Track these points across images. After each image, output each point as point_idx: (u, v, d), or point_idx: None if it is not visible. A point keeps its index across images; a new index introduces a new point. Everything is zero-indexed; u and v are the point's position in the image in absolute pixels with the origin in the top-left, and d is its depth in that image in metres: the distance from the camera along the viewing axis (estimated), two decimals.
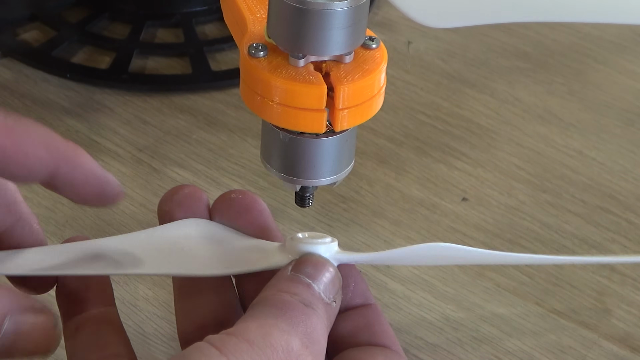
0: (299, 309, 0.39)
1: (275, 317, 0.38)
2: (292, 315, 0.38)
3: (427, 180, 0.58)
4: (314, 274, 0.40)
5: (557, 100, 0.65)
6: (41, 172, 0.40)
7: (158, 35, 0.69)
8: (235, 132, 0.61)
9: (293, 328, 0.38)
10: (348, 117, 0.39)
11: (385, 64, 0.40)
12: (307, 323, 0.39)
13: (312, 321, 0.39)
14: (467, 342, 0.49)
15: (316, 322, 0.39)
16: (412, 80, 0.66)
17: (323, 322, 0.40)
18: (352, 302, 0.44)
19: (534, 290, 0.52)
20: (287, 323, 0.38)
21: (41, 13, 0.70)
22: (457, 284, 0.52)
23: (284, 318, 0.38)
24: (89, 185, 0.41)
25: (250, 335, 0.37)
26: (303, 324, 0.38)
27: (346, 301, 0.44)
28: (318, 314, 0.39)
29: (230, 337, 0.37)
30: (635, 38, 0.71)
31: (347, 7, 0.37)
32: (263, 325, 0.37)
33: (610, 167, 0.60)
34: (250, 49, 0.39)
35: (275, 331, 0.37)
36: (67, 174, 0.41)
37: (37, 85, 0.64)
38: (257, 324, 0.37)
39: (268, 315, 0.38)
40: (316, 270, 0.41)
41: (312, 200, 0.43)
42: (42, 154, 0.40)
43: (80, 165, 0.41)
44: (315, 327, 0.39)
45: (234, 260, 0.43)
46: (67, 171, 0.41)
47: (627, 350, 0.49)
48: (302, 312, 0.39)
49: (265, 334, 0.37)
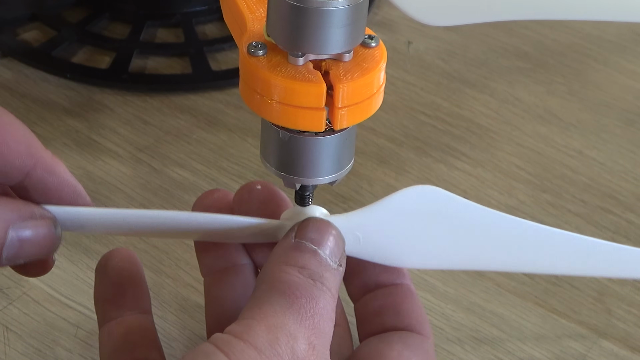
0: (307, 292, 0.39)
1: (283, 311, 0.38)
2: (300, 304, 0.38)
3: (427, 180, 0.58)
4: (318, 238, 0.40)
5: (557, 100, 0.65)
6: (18, 168, 0.40)
7: (158, 35, 0.69)
8: (235, 132, 0.61)
9: (300, 324, 0.38)
10: (347, 116, 0.39)
11: (384, 63, 0.39)
12: (315, 311, 0.39)
13: (320, 305, 0.39)
14: (467, 342, 0.49)
15: (324, 304, 0.39)
16: (412, 80, 0.66)
17: (330, 297, 0.40)
18: (380, 277, 0.44)
19: (534, 290, 0.52)
20: (294, 318, 0.38)
21: (41, 13, 0.70)
22: (457, 284, 0.52)
23: (291, 311, 0.38)
24: (62, 193, 0.42)
25: (258, 342, 0.37)
26: (310, 314, 0.38)
27: (375, 275, 0.44)
28: (325, 289, 0.39)
29: (237, 341, 0.37)
30: (635, 38, 0.71)
31: (346, 5, 0.37)
32: (270, 328, 0.37)
33: (610, 167, 0.60)
34: (250, 48, 0.39)
35: (283, 336, 0.37)
36: (42, 177, 0.41)
37: (37, 85, 0.64)
38: (264, 326, 0.37)
39: (276, 309, 0.38)
40: (320, 234, 0.41)
41: (311, 199, 0.43)
42: (22, 149, 0.40)
43: (57, 172, 0.41)
44: (322, 311, 0.39)
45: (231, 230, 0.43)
46: (43, 174, 0.41)
47: (627, 350, 0.49)
48: (310, 296, 0.39)
49: (272, 340, 0.37)
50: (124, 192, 0.57)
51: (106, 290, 0.44)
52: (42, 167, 0.41)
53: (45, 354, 0.48)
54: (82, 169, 0.58)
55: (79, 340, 0.48)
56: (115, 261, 0.44)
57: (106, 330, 0.43)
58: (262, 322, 0.38)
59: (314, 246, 0.40)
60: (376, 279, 0.44)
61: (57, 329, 0.49)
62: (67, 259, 0.52)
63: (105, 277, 0.44)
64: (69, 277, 0.51)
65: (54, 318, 0.49)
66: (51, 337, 0.48)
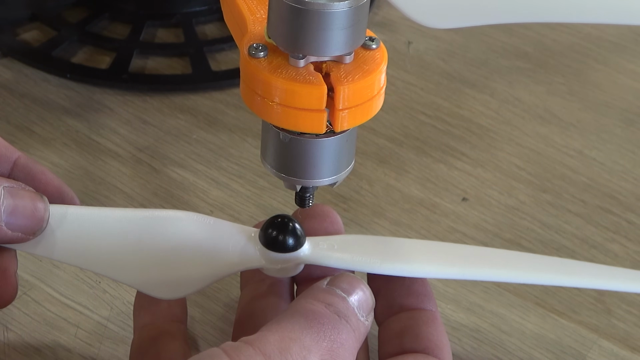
0: (330, 322, 0.39)
1: (301, 329, 0.38)
2: (320, 328, 0.38)
3: (427, 180, 0.58)
4: (348, 289, 0.41)
5: (557, 100, 0.65)
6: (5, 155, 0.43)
7: (158, 35, 0.69)
8: (235, 132, 0.61)
9: (316, 343, 0.38)
10: (348, 118, 0.39)
11: (385, 65, 0.40)
12: (334, 338, 0.38)
13: (342, 336, 0.39)
14: (467, 342, 0.49)
15: (346, 338, 0.39)
16: (412, 80, 0.66)
17: (354, 338, 0.40)
18: (405, 301, 0.44)
19: (534, 290, 0.52)
20: (312, 337, 0.38)
21: (41, 13, 0.70)
22: (457, 284, 0.52)
23: (310, 331, 0.38)
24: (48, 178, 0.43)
25: (267, 348, 0.37)
26: (329, 339, 0.38)
27: (400, 298, 0.44)
28: (350, 328, 0.39)
29: (247, 346, 0.37)
30: (635, 38, 0.71)
31: (347, 7, 0.37)
32: (283, 339, 0.37)
33: (610, 167, 0.60)
34: (251, 50, 0.39)
35: (295, 347, 0.37)
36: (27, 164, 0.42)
37: (37, 85, 0.64)
38: (278, 337, 0.37)
39: (294, 327, 0.38)
40: (351, 286, 0.41)
41: (312, 200, 0.43)
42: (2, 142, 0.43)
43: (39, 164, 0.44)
44: (343, 342, 0.39)
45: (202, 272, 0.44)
46: (27, 162, 0.43)
47: (627, 350, 0.49)
48: (332, 326, 0.39)
49: (283, 349, 0.37)
50: (124, 192, 0.57)
51: (143, 299, 0.45)
52: (24, 158, 0.43)
53: (45, 354, 0.48)
54: (82, 169, 0.58)
55: (79, 340, 0.48)
56: None
57: (138, 334, 0.44)
58: (277, 334, 0.37)
59: (343, 294, 0.41)
60: (401, 302, 0.44)
61: (57, 329, 0.49)
62: None
63: None
64: (69, 277, 0.51)
65: (54, 318, 0.49)
66: (51, 337, 0.48)
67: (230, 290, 0.51)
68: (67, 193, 0.45)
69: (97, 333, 0.48)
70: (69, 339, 0.48)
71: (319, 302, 0.39)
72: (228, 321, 0.49)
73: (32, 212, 0.42)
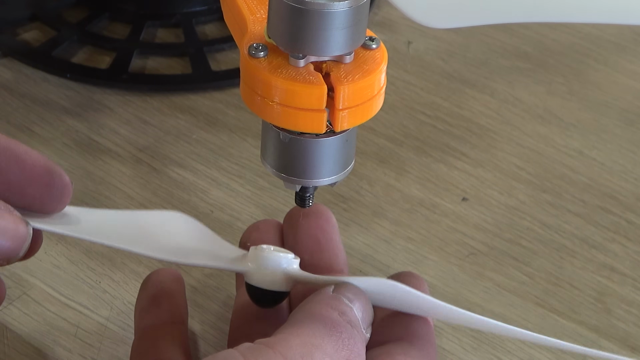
0: (346, 331, 0.39)
1: (322, 336, 0.38)
2: (339, 337, 0.38)
3: (427, 180, 0.58)
4: (353, 298, 0.41)
5: (557, 100, 0.65)
6: None
7: (158, 35, 0.69)
8: (235, 132, 0.61)
9: (337, 352, 0.38)
10: (348, 118, 0.39)
11: (385, 65, 0.40)
12: (352, 348, 0.38)
13: (358, 346, 0.39)
14: (467, 342, 0.49)
15: (361, 347, 0.39)
16: (412, 80, 0.66)
17: (364, 349, 0.40)
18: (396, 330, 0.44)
19: (534, 290, 0.52)
20: (332, 345, 0.38)
21: (41, 13, 0.70)
22: (457, 284, 0.52)
23: (331, 339, 0.38)
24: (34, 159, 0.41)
25: (289, 353, 0.36)
26: (348, 348, 0.38)
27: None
28: (362, 339, 0.40)
29: (267, 349, 0.36)
30: (635, 38, 0.71)
31: (347, 7, 0.37)
32: (306, 344, 0.37)
33: (610, 167, 0.60)
34: (251, 49, 0.39)
35: (317, 353, 0.37)
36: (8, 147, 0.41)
37: (37, 85, 0.64)
38: (300, 341, 0.37)
39: (315, 333, 0.38)
40: (355, 295, 0.41)
41: (312, 200, 0.43)
42: None
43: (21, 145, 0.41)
44: (360, 352, 0.39)
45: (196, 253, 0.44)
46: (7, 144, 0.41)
47: (627, 350, 0.49)
48: (349, 335, 0.39)
49: (305, 354, 0.37)
50: (124, 192, 0.57)
51: (144, 301, 0.45)
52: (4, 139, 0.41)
53: (45, 354, 0.48)
54: (82, 169, 0.58)
55: (79, 340, 0.48)
56: (157, 277, 0.45)
57: (138, 335, 0.44)
58: (298, 338, 0.37)
59: (350, 303, 0.41)
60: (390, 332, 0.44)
61: (57, 329, 0.49)
62: (67, 259, 0.52)
63: (144, 290, 0.45)
64: (69, 277, 0.51)
65: (54, 318, 0.49)
66: (51, 337, 0.48)
67: (229, 290, 0.51)
68: (56, 171, 0.42)
69: (97, 333, 0.48)
70: (69, 339, 0.48)
71: (332, 310, 0.40)
72: (227, 321, 0.49)
73: (14, 233, 0.40)
